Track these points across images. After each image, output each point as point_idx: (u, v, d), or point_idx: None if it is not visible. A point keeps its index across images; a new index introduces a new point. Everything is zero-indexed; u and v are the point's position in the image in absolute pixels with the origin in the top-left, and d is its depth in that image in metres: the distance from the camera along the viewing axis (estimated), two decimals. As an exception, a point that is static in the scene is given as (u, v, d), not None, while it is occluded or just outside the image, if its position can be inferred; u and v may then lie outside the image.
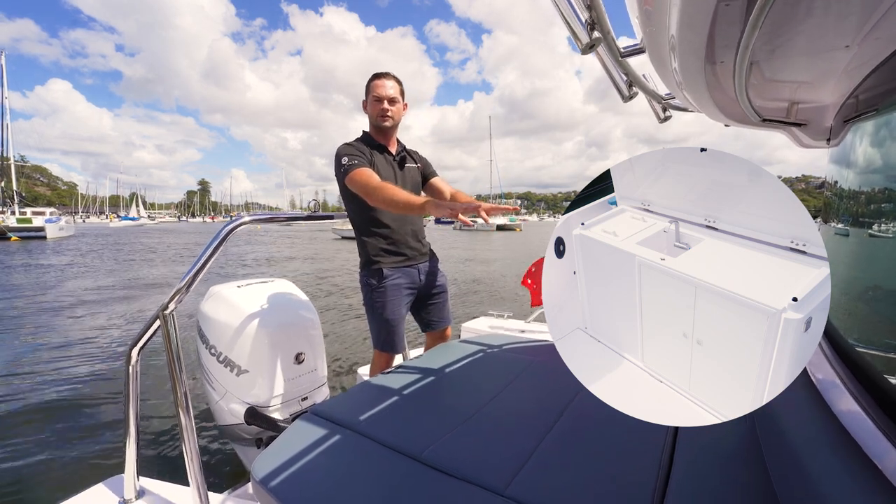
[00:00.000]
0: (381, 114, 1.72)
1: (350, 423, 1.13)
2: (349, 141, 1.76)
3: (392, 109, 1.73)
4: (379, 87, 1.71)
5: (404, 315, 1.80)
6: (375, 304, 1.74)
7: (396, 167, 1.79)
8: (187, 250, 17.69)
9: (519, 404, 1.22)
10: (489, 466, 0.92)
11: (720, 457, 0.91)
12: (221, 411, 1.64)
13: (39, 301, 6.74)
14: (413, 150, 1.94)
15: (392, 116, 1.73)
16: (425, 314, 1.94)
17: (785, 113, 1.14)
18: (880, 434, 0.57)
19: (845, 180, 0.95)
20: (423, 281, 1.85)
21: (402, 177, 1.80)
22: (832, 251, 1.02)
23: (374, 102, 1.72)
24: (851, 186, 0.91)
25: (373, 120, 1.76)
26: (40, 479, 2.14)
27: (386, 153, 1.78)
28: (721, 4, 0.65)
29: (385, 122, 1.73)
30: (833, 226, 1.04)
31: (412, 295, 1.83)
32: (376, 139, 1.78)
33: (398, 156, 1.81)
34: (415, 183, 1.86)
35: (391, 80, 1.73)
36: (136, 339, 1.25)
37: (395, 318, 1.75)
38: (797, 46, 0.84)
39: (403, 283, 1.77)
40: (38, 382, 3.39)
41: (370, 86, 1.73)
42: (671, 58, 0.89)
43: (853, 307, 0.86)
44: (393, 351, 1.79)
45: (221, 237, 1.27)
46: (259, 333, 1.59)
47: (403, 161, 1.83)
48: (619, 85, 1.14)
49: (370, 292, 1.74)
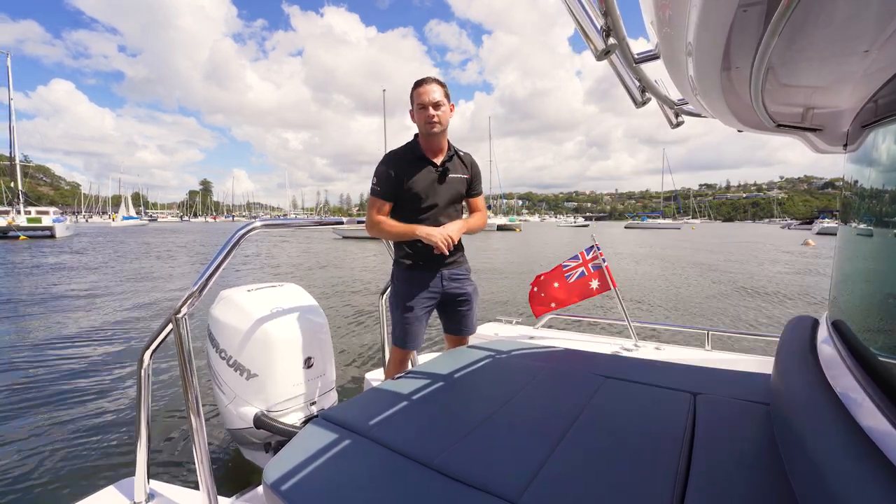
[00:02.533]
0: (427, 120, 1.70)
1: (361, 428, 1.13)
2: (395, 149, 1.79)
3: (438, 114, 1.70)
4: (422, 93, 1.70)
5: (420, 316, 1.82)
6: (393, 299, 1.85)
7: (436, 181, 1.77)
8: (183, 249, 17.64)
9: (530, 411, 1.21)
10: (502, 474, 0.91)
11: (739, 466, 0.90)
12: (230, 415, 1.64)
13: (59, 300, 6.78)
14: (467, 155, 1.90)
15: (439, 121, 1.71)
16: (449, 319, 1.97)
17: (800, 118, 1.13)
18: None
19: (866, 186, 0.94)
20: (446, 287, 1.85)
21: (440, 190, 1.78)
22: (853, 259, 1.01)
23: (420, 110, 1.71)
24: (873, 192, 0.90)
25: (421, 128, 1.75)
26: (51, 481, 2.14)
27: (429, 165, 1.77)
28: (739, 11, 0.65)
29: (433, 128, 1.71)
30: (853, 228, 1.02)
31: (433, 298, 1.85)
32: (423, 147, 1.77)
33: (442, 166, 1.78)
34: (455, 195, 1.83)
35: (433, 84, 1.71)
36: (148, 343, 1.26)
37: (408, 316, 1.79)
38: (814, 51, 0.84)
39: (422, 285, 1.81)
40: (49, 383, 3.40)
41: (413, 94, 1.73)
42: (687, 63, 0.88)
43: (874, 313, 0.85)
44: (402, 346, 1.82)
45: (234, 242, 1.28)
46: (269, 338, 1.59)
47: (446, 172, 1.79)
48: (631, 91, 1.14)
49: (393, 288, 1.87)
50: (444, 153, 1.81)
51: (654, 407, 1.21)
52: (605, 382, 1.39)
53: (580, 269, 2.51)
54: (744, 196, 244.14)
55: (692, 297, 7.68)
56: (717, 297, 7.59)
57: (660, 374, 1.47)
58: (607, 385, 1.37)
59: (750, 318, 6.10)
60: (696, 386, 1.34)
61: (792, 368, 1.02)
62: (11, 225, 23.51)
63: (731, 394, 1.28)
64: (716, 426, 1.08)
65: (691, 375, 1.46)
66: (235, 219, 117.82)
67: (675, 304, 7.11)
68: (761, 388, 1.30)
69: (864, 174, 0.94)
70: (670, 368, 1.55)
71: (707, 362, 1.87)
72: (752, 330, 5.02)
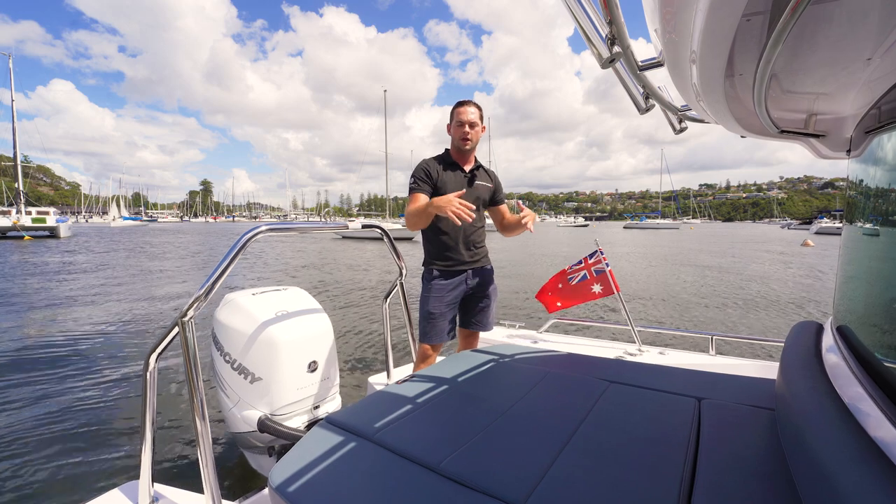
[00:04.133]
0: (462, 136, 1.97)
1: (366, 432, 1.13)
2: (429, 157, 2.03)
3: (472, 133, 1.97)
4: (462, 113, 1.97)
5: (445, 312, 2.00)
6: (423, 297, 2.04)
7: (465, 184, 2.03)
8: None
9: (536, 415, 1.22)
10: (507, 478, 0.91)
11: (744, 472, 0.91)
12: (234, 419, 1.64)
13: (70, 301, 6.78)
14: (490, 169, 2.19)
15: (471, 139, 1.98)
16: (468, 314, 2.14)
17: (803, 124, 1.13)
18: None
19: (870, 192, 0.95)
20: (470, 285, 2.06)
21: (471, 192, 2.03)
22: (857, 264, 1.01)
23: (458, 127, 1.98)
24: (877, 198, 0.90)
25: (455, 142, 2.01)
26: (56, 484, 2.14)
27: (459, 171, 2.03)
28: (743, 20, 0.65)
29: (466, 144, 1.98)
30: (858, 233, 1.03)
31: (457, 296, 2.04)
32: (454, 157, 2.04)
33: (470, 173, 2.06)
34: (480, 199, 2.07)
35: (473, 107, 1.98)
36: (154, 346, 1.26)
37: (435, 313, 1.98)
38: (817, 59, 0.84)
39: (450, 284, 2.00)
40: (55, 385, 3.40)
41: (455, 112, 2.01)
42: (691, 71, 0.89)
43: (879, 319, 0.85)
44: (427, 341, 2.00)
45: (240, 245, 1.28)
46: (273, 341, 1.59)
47: (474, 178, 2.06)
48: (635, 97, 1.14)
49: (423, 287, 2.05)
50: (471, 164, 2.08)
51: (659, 412, 1.21)
52: (609, 387, 1.40)
53: (583, 273, 2.52)
54: (744, 196, 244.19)
55: (676, 292, 7.72)
56: (694, 289, 7.62)
57: (664, 379, 1.47)
58: (611, 390, 1.38)
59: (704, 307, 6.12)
60: (700, 391, 1.35)
61: (797, 374, 1.02)
62: (16, 225, 23.88)
63: (736, 399, 1.28)
64: (720, 431, 1.08)
65: (696, 380, 1.46)
66: (236, 219, 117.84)
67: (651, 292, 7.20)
68: (766, 394, 1.30)
69: (868, 180, 0.95)
70: (674, 373, 1.55)
71: (711, 367, 1.87)
72: (756, 335, 5.02)
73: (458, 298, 2.05)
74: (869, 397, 0.75)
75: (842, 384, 0.88)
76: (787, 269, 11.93)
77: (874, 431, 0.69)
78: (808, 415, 0.84)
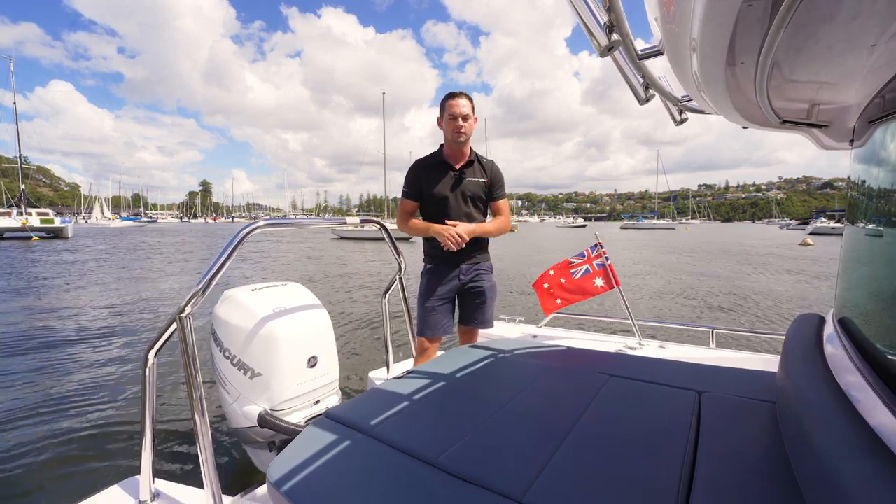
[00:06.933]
0: (456, 130, 1.92)
1: (365, 427, 1.13)
2: (421, 157, 2.04)
3: (465, 125, 1.92)
4: (454, 105, 1.91)
5: (437, 306, 2.01)
6: (419, 291, 2.07)
7: (454, 183, 2.00)
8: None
9: (534, 409, 1.21)
10: (506, 472, 0.91)
11: (744, 464, 0.90)
12: (234, 414, 1.64)
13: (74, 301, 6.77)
14: (489, 161, 2.10)
15: (465, 132, 1.93)
16: (464, 310, 2.14)
17: (806, 114, 1.13)
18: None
19: (874, 182, 0.94)
20: (463, 280, 2.05)
21: (457, 192, 2.00)
22: (861, 254, 1.01)
23: (450, 120, 1.92)
24: (880, 189, 0.90)
25: (448, 136, 1.96)
26: (57, 480, 2.13)
27: (449, 169, 2.00)
28: (744, 5, 0.64)
29: (460, 137, 1.93)
30: (860, 224, 1.02)
31: (451, 291, 2.04)
32: (446, 154, 2.01)
33: (460, 171, 2.01)
34: (472, 196, 2.03)
35: (464, 99, 1.93)
36: (152, 342, 1.25)
37: (429, 306, 2.01)
38: (820, 46, 0.83)
39: (442, 279, 2.02)
40: (55, 381, 3.40)
41: (445, 105, 1.94)
42: (691, 59, 0.88)
43: (881, 311, 0.85)
44: (423, 334, 2.02)
45: (237, 241, 1.27)
46: (272, 337, 1.58)
47: (462, 178, 2.01)
48: (635, 87, 1.14)
49: (420, 282, 2.08)
50: (465, 159, 2.02)
51: (659, 405, 1.21)
52: (609, 381, 1.39)
53: (585, 266, 2.51)
54: (743, 196, 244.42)
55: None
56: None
57: (664, 373, 1.46)
58: (611, 383, 1.37)
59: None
60: (700, 384, 1.34)
61: (798, 366, 1.01)
62: (25, 226, 24.49)
63: (737, 392, 1.27)
64: (721, 424, 1.08)
65: (696, 373, 1.46)
66: (235, 220, 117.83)
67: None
68: (767, 386, 1.29)
69: (871, 170, 0.94)
70: (675, 367, 1.54)
71: (712, 360, 1.87)
72: (757, 328, 5.01)
73: (452, 293, 2.05)
74: (869, 387, 0.74)
75: (842, 374, 0.88)
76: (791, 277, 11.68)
77: (874, 420, 0.69)
78: (809, 404, 0.83)
